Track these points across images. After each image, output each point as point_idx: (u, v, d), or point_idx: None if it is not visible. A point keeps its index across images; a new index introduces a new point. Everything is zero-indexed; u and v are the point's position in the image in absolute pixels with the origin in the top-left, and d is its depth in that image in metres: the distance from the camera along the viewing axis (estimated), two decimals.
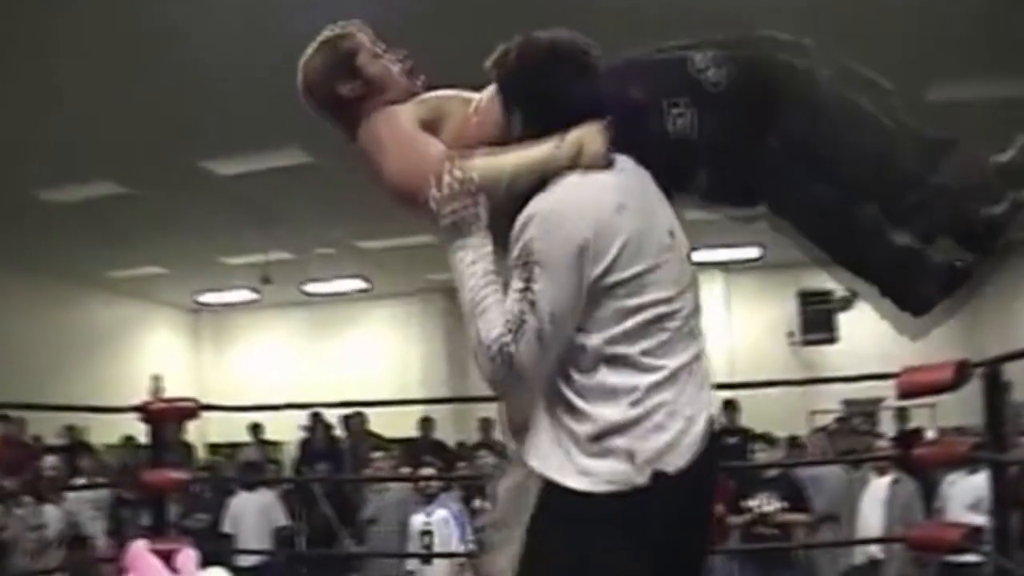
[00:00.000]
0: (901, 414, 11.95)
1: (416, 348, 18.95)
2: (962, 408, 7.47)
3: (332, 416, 13.67)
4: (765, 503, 8.21)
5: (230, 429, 14.85)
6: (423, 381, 18.13)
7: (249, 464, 12.50)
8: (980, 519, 6.19)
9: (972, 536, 4.66)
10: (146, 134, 9.66)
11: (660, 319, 2.33)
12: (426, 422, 14.11)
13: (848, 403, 14.18)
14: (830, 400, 14.82)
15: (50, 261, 14.80)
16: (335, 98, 2.87)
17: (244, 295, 17.90)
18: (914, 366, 4.43)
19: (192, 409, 5.95)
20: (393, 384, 17.03)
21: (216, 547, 8.62)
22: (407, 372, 18.21)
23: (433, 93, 2.87)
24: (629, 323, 2.31)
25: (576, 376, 2.33)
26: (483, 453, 10.11)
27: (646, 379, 2.30)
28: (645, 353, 2.31)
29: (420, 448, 12.67)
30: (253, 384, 17.24)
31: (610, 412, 2.28)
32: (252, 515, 10.01)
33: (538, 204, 2.33)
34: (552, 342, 2.28)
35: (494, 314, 2.32)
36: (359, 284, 17.79)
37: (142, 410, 5.88)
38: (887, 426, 12.04)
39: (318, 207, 12.85)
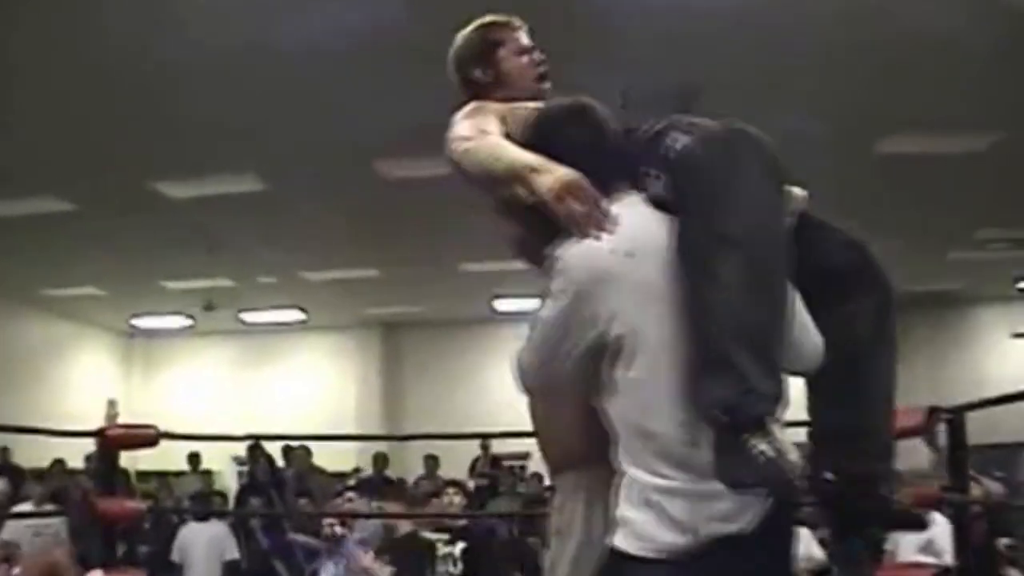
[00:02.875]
0: None
1: (352, 382, 18.82)
2: None
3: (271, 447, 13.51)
4: None
5: (159, 457, 14.59)
6: (358, 415, 17.99)
7: (199, 495, 12.26)
8: (930, 560, 6.28)
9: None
10: (99, 151, 9.51)
11: None
12: (380, 459, 14.00)
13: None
14: None
15: None
16: (467, 78, 3.07)
17: (179, 321, 17.70)
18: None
19: (152, 436, 5.77)
20: (327, 417, 16.93)
21: None
22: (342, 406, 18.04)
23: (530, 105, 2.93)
24: None
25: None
26: (452, 491, 10.00)
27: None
28: None
29: (376, 486, 12.54)
30: (183, 412, 16.99)
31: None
32: (201, 546, 9.84)
33: (569, 238, 2.38)
34: (547, 359, 2.41)
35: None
36: (297, 315, 17.67)
37: (100, 435, 5.74)
38: None
39: (264, 235, 12.76)
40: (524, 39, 3.07)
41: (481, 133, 2.71)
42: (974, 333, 16.84)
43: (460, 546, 8.24)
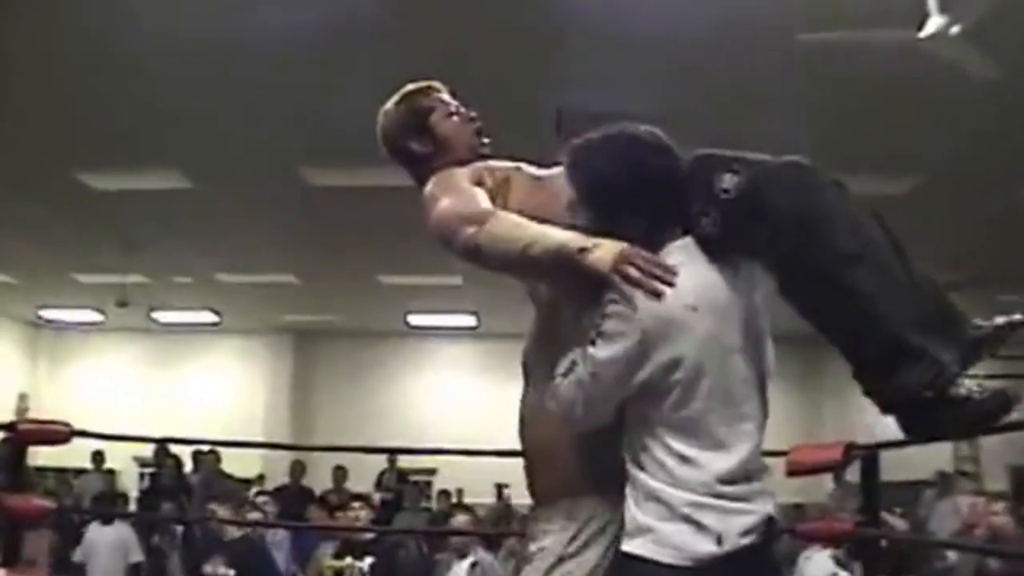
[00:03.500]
0: None
1: (261, 388, 18.69)
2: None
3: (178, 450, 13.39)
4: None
5: (59, 453, 14.33)
6: (266, 422, 17.86)
7: (104, 495, 12.08)
8: None
9: None
10: (22, 136, 9.34)
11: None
12: (298, 467, 13.87)
13: None
14: None
15: None
16: (406, 152, 3.05)
17: (90, 315, 17.48)
18: (803, 445, 4.63)
19: (65, 434, 5.55)
20: (235, 422, 16.68)
21: None
22: (251, 411, 17.90)
23: (497, 163, 2.96)
24: None
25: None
26: (358, 505, 10.00)
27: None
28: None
29: (292, 494, 12.48)
30: (89, 408, 16.69)
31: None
32: (106, 548, 9.71)
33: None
34: (592, 394, 2.46)
35: (568, 355, 2.52)
36: (210, 317, 17.53)
37: (10, 430, 5.59)
38: None
39: (184, 234, 12.63)
40: (449, 100, 3.06)
41: (481, 213, 2.67)
42: None
43: (368, 561, 8.27)
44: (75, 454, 13.84)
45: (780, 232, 2.40)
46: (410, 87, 3.08)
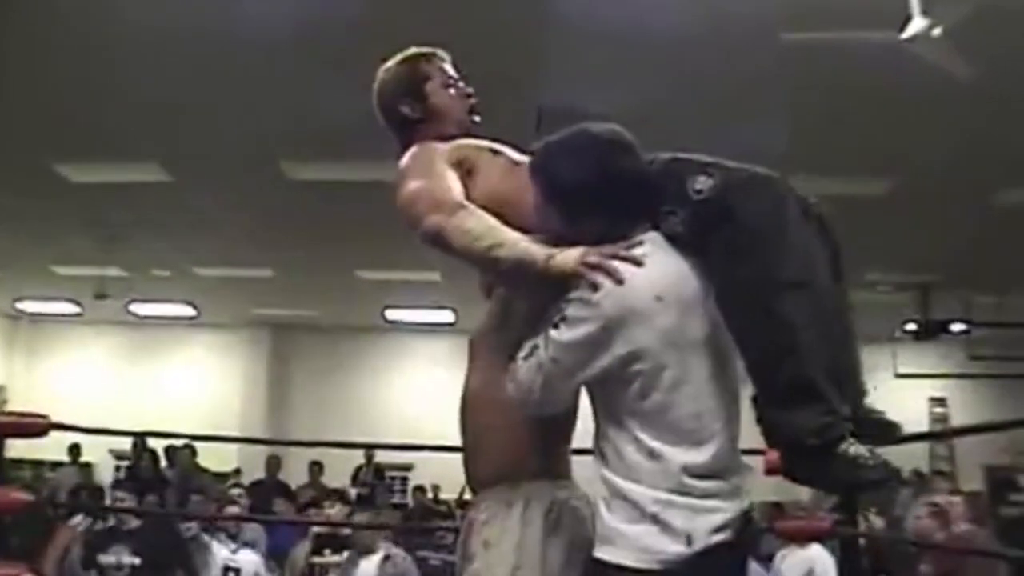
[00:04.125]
0: None
1: (238, 381, 18.64)
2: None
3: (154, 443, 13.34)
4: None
5: (33, 445, 14.26)
6: (242, 416, 17.81)
7: (80, 488, 12.02)
8: None
9: None
10: (3, 128, 9.32)
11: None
12: (274, 462, 13.75)
13: None
14: None
15: None
16: (396, 113, 3.01)
17: (67, 307, 17.42)
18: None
19: (43, 427, 5.52)
20: (211, 416, 16.65)
21: None
22: (227, 405, 17.84)
23: (480, 143, 2.93)
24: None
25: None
26: (329, 503, 9.97)
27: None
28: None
29: (268, 489, 12.42)
30: (65, 400, 16.60)
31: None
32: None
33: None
34: (551, 378, 2.46)
35: (530, 340, 2.52)
36: (187, 310, 17.49)
37: None
38: None
39: (162, 227, 12.59)
40: (449, 71, 3.05)
41: (452, 203, 2.65)
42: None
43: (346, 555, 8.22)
44: (51, 447, 13.81)
45: (738, 241, 2.41)
46: (415, 50, 3.06)
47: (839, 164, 9.23)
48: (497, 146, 2.93)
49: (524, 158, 2.79)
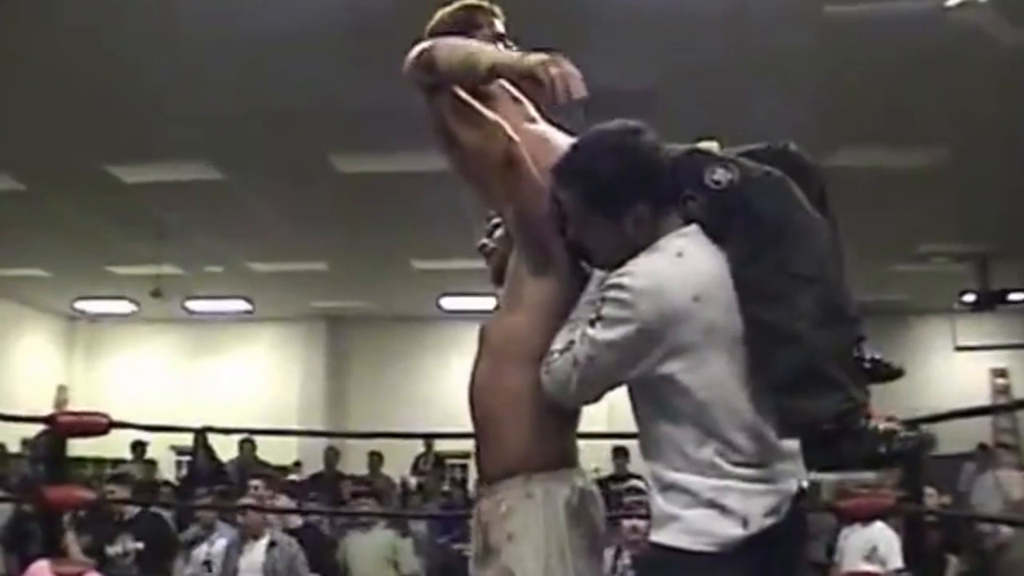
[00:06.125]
0: None
1: (296, 375, 18.76)
2: None
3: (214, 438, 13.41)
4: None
5: (95, 443, 14.37)
6: (300, 409, 17.92)
7: (144, 484, 12.13)
8: (875, 568, 6.37)
9: None
10: (54, 132, 9.42)
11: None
12: (332, 454, 13.89)
13: None
14: None
15: None
16: None
17: (125, 306, 17.57)
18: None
19: (103, 425, 5.57)
20: (270, 410, 16.76)
21: None
22: (285, 398, 17.97)
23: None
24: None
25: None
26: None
27: None
28: None
29: (328, 481, 12.49)
30: (125, 398, 16.79)
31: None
32: None
33: (637, 269, 2.46)
34: (587, 376, 2.49)
35: (566, 332, 2.56)
36: (243, 305, 17.58)
37: (50, 422, 5.64)
38: None
39: (215, 224, 12.72)
40: (500, 27, 3.09)
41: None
42: (918, 345, 17.01)
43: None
44: (112, 444, 13.95)
45: (756, 233, 2.46)
46: (474, 0, 3.11)
47: (891, 136, 9.14)
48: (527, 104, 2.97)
49: (549, 133, 2.85)
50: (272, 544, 7.57)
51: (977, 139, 9.23)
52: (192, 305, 17.29)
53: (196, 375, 18.92)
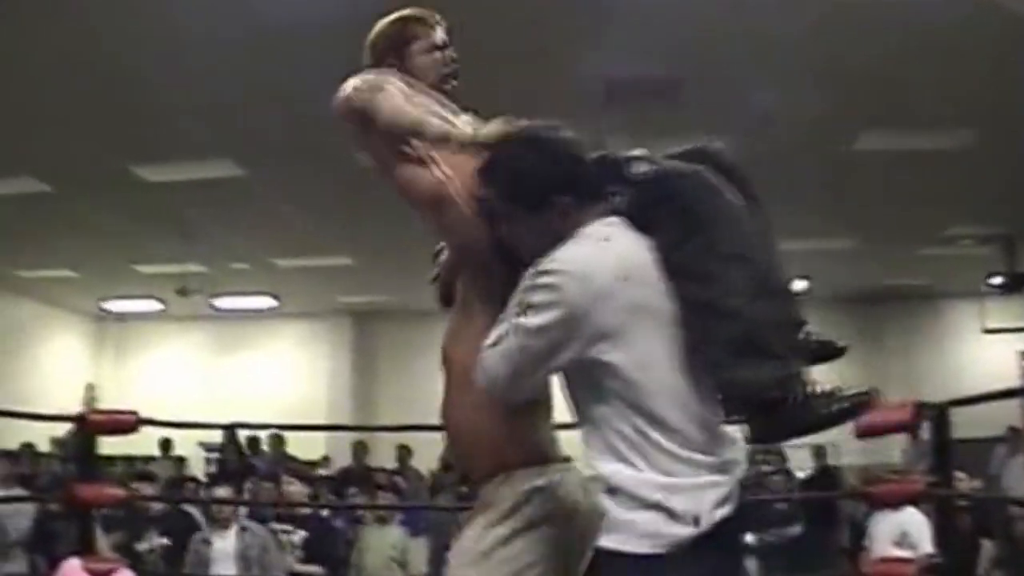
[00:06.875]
0: (818, 451, 11.87)
1: (323, 371, 18.81)
2: None
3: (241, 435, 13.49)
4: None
5: (125, 440, 14.40)
6: (328, 404, 17.98)
7: (174, 480, 12.22)
8: (907, 553, 6.35)
9: (929, 568, 4.81)
10: (78, 133, 9.47)
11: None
12: (361, 448, 13.91)
13: None
14: None
15: None
16: (377, 65, 3.17)
17: (151, 305, 17.65)
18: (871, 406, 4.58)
19: (132, 423, 5.58)
20: (297, 406, 16.83)
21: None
22: (313, 393, 18.04)
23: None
24: None
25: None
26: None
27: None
28: None
29: (355, 475, 12.52)
30: (153, 396, 16.84)
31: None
32: None
33: (562, 255, 2.49)
34: (520, 366, 2.50)
35: (497, 329, 2.55)
36: (269, 302, 17.61)
37: (80, 420, 5.67)
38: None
39: (239, 221, 12.76)
40: (439, 37, 3.15)
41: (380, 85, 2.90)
42: (947, 328, 16.96)
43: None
44: (142, 441, 14.00)
45: (681, 219, 2.52)
46: (411, 11, 3.23)
47: (917, 119, 9.08)
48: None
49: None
50: (243, 529, 7.75)
51: (1002, 120, 9.16)
52: (218, 302, 17.29)
53: (223, 372, 19.00)
